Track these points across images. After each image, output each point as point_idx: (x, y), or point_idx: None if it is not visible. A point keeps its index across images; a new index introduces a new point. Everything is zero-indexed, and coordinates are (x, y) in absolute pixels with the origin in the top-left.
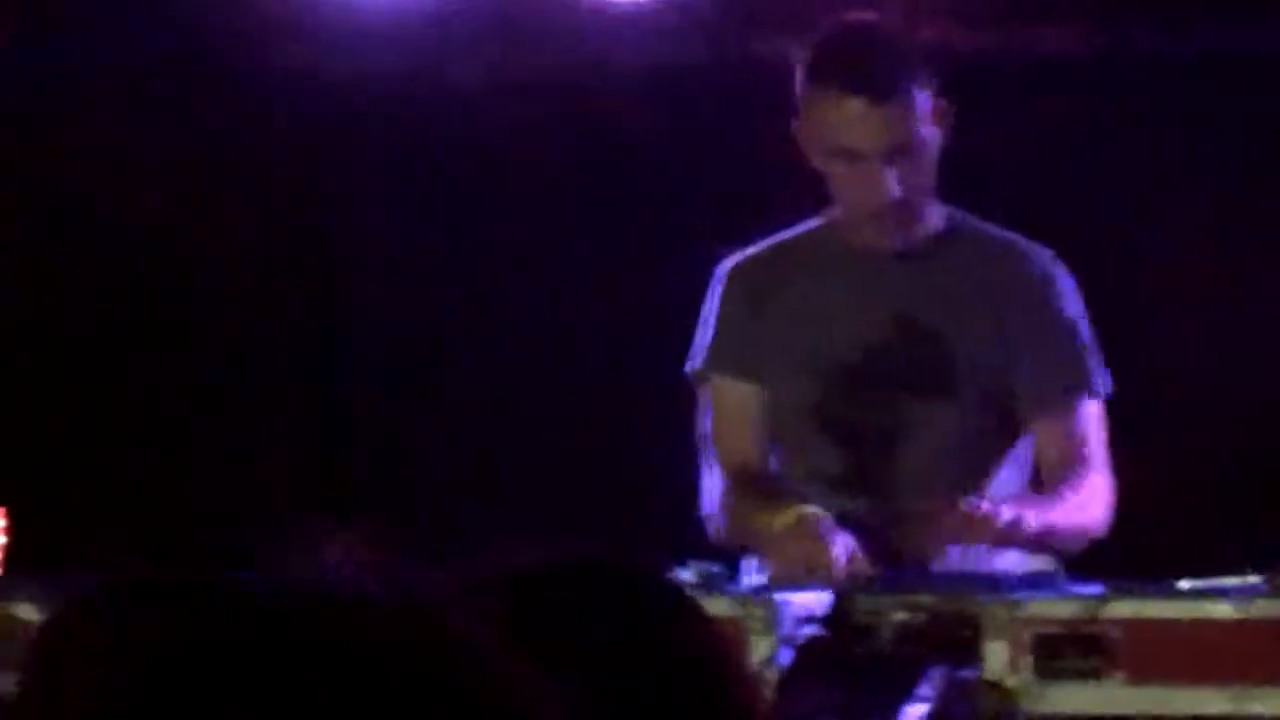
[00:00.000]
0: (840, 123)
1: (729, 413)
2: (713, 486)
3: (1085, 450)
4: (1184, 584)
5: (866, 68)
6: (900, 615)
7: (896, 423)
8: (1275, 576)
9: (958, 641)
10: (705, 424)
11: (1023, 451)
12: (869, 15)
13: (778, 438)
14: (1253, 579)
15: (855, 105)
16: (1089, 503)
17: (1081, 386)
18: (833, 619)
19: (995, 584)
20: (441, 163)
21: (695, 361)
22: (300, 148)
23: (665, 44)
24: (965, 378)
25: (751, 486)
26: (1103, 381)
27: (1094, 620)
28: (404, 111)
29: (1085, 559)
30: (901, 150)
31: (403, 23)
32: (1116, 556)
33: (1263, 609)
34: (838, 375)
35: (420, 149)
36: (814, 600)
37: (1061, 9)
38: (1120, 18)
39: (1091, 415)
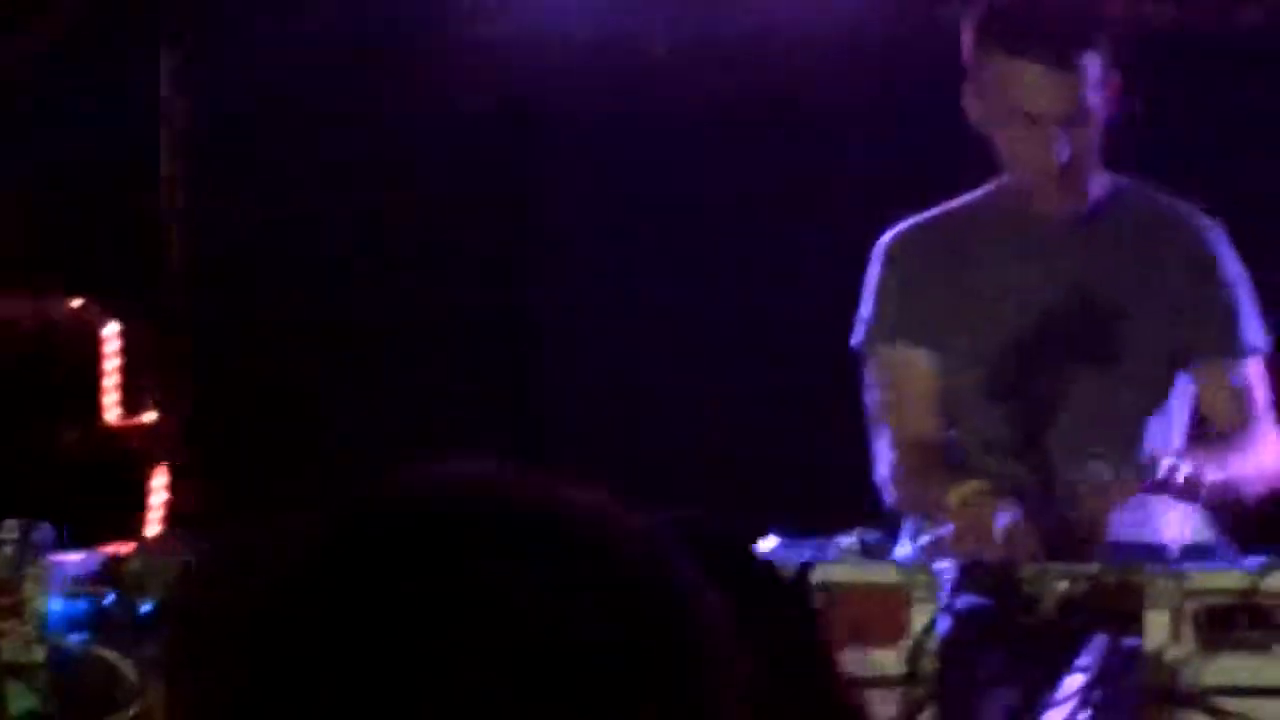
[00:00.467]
0: (1017, 86)
1: (902, 382)
2: (886, 455)
3: (1252, 404)
4: None
5: (1045, 33)
6: (1063, 585)
7: (1061, 391)
8: None
9: (1121, 612)
10: (876, 394)
11: (1178, 413)
12: None
13: (946, 402)
14: None
15: (1033, 70)
16: (1264, 454)
17: (1242, 342)
18: (995, 588)
19: (1159, 554)
20: (639, 132)
21: (863, 332)
22: (498, 119)
23: (857, 11)
24: (1131, 346)
25: (926, 457)
26: (1264, 339)
27: (1258, 591)
28: (598, 82)
29: (1252, 529)
30: (1074, 117)
31: None
32: None
33: None
34: (1009, 343)
35: (617, 119)
36: (977, 570)
37: None
38: None
39: (1254, 371)
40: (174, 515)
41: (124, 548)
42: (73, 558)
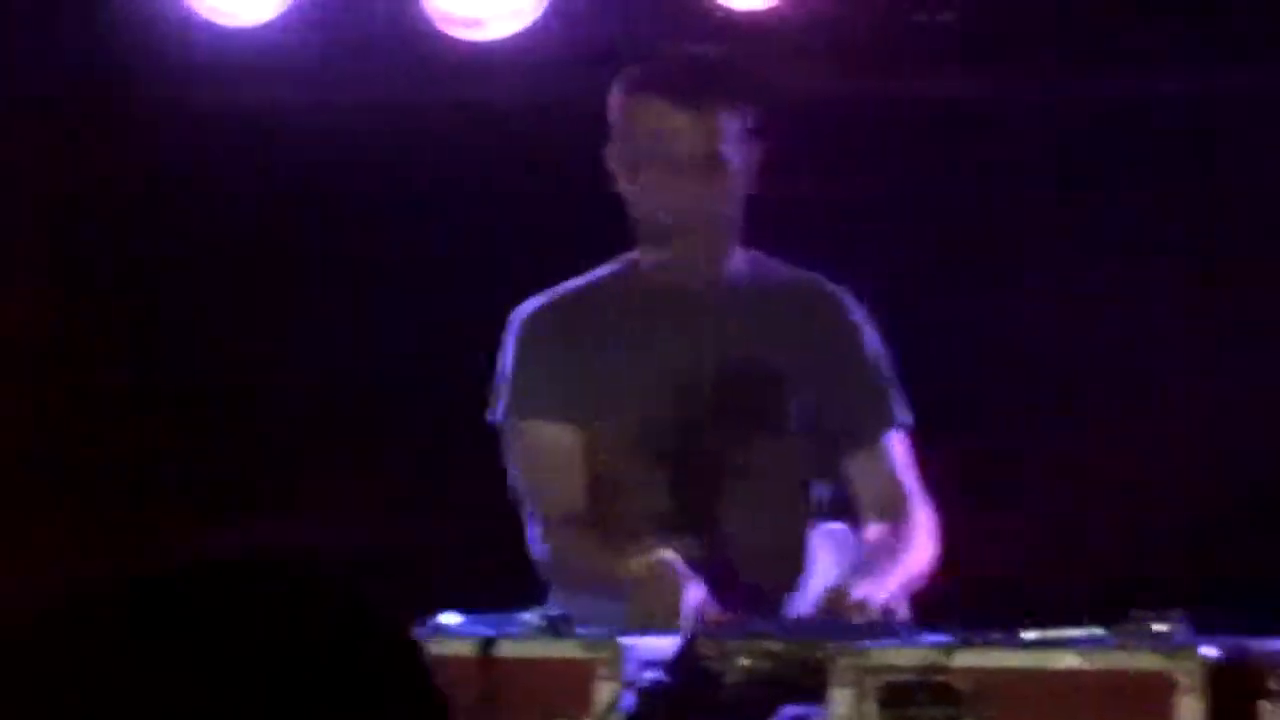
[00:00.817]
0: (661, 129)
1: (548, 457)
2: (537, 533)
3: (902, 484)
4: (1029, 634)
5: (688, 78)
6: (746, 661)
7: (722, 461)
8: (1121, 628)
9: (805, 688)
10: (520, 471)
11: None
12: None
13: (603, 477)
14: (1097, 630)
15: (674, 112)
16: (922, 542)
17: (888, 421)
18: (679, 664)
19: (843, 631)
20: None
21: (502, 407)
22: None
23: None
24: (788, 415)
25: (581, 533)
26: (908, 414)
27: (941, 669)
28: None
29: (933, 606)
30: (715, 163)
31: (249, 58)
32: (963, 606)
33: (1108, 660)
34: (662, 414)
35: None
36: (661, 645)
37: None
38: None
39: (900, 448)
40: None
41: None
42: None
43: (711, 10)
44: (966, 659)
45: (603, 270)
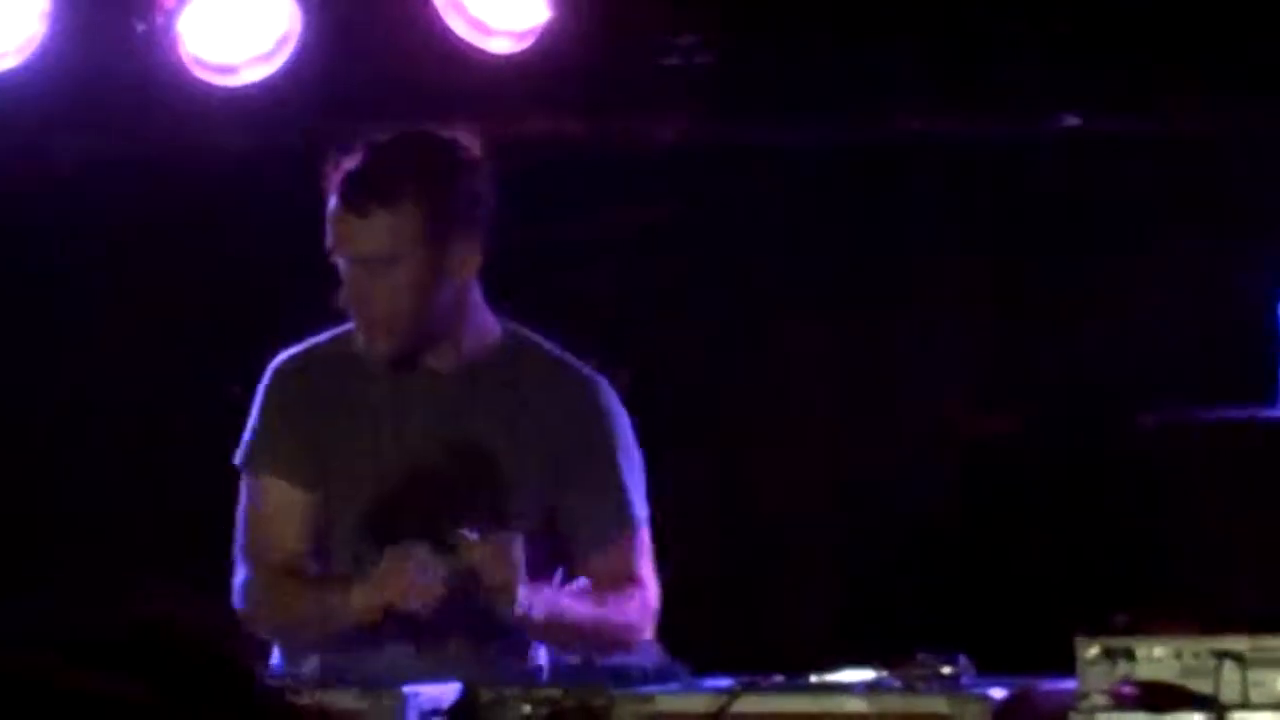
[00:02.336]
0: (337, 229)
1: (275, 511)
2: (245, 579)
3: (632, 579)
4: (814, 678)
5: (362, 180)
6: (526, 708)
7: (437, 535)
8: (905, 671)
9: None
10: (246, 521)
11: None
12: (433, 131)
13: (328, 542)
14: (881, 673)
15: (348, 214)
16: (631, 607)
17: (626, 524)
18: (458, 712)
19: (624, 677)
20: (42, 243)
21: (244, 452)
22: None
23: (269, 127)
24: (505, 496)
25: (302, 580)
26: (645, 510)
27: (724, 714)
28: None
29: (714, 653)
30: (378, 262)
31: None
32: (746, 652)
33: (894, 704)
34: (382, 485)
35: (18, 229)
36: (441, 692)
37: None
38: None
39: (636, 546)
40: None
41: None
42: None
43: (460, 55)
44: (751, 704)
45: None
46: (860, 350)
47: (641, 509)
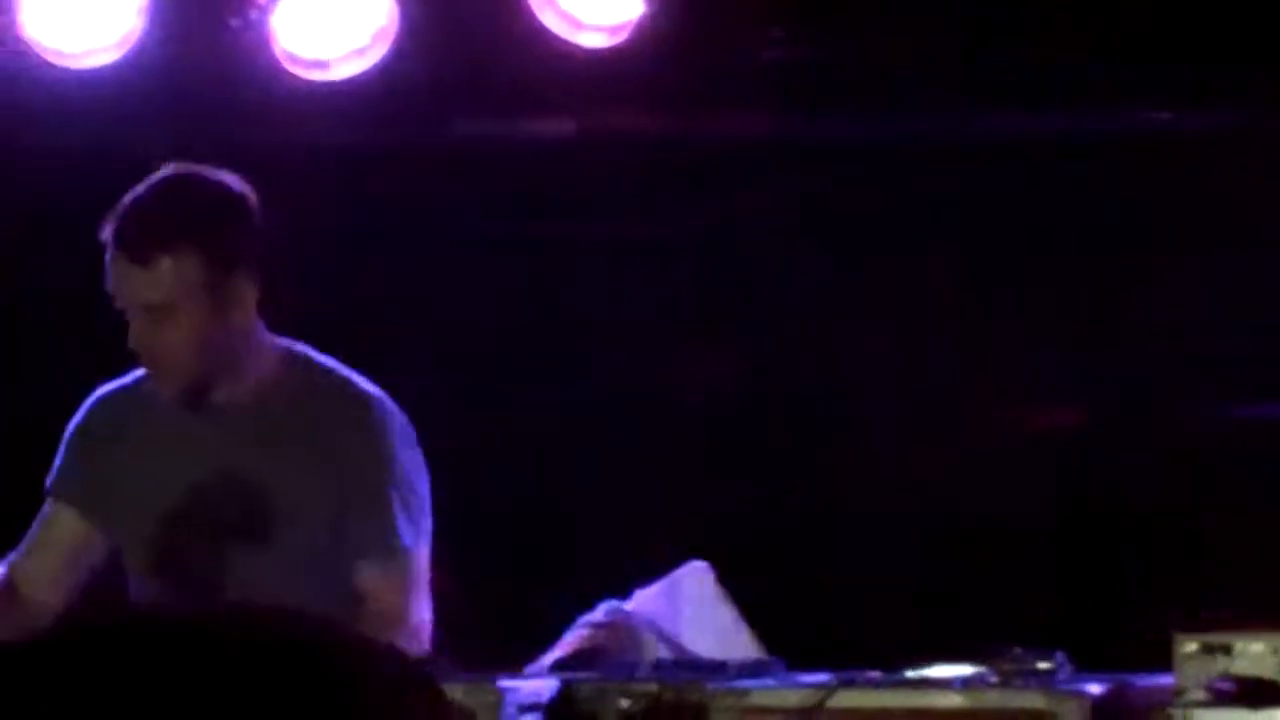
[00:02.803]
0: (110, 270)
1: (43, 535)
2: None
3: (394, 607)
4: (910, 673)
5: (130, 226)
6: (624, 703)
7: (218, 566)
8: (1001, 666)
9: None
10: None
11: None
12: (196, 169)
13: (128, 570)
14: (978, 668)
15: (118, 261)
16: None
17: (394, 545)
18: (556, 706)
19: (720, 671)
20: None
21: (50, 477)
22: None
23: (362, 122)
24: (284, 525)
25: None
26: (422, 533)
27: (820, 708)
28: (95, 185)
29: (809, 648)
30: (159, 309)
31: (94, 98)
32: (840, 647)
33: (990, 698)
34: (165, 518)
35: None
36: (539, 687)
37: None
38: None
39: (402, 568)
40: None
41: None
42: None
43: (553, 50)
44: (847, 699)
45: None
46: (950, 347)
47: (407, 537)
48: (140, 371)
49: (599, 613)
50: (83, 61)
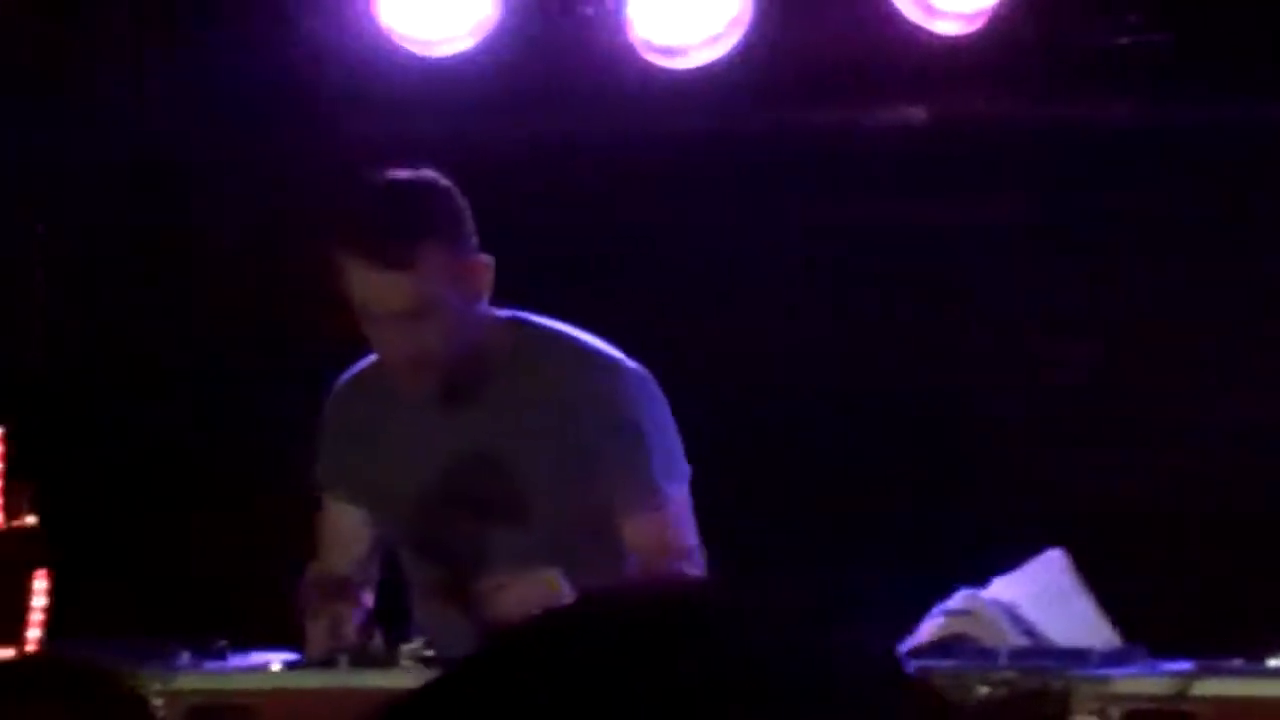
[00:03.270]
0: (355, 285)
1: (329, 532)
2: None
3: (668, 546)
4: (1274, 662)
5: (374, 235)
6: (983, 690)
7: (477, 546)
8: None
9: (1044, 716)
10: (318, 531)
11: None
12: (405, 173)
13: (399, 550)
14: None
15: (364, 269)
16: None
17: (654, 490)
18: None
19: (1082, 659)
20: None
21: (316, 471)
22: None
23: (717, 110)
24: (536, 502)
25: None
26: (678, 475)
27: (1183, 697)
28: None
29: (1172, 635)
30: (413, 312)
31: (448, 86)
32: (1202, 633)
33: None
34: (421, 503)
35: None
36: None
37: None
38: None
39: (669, 513)
40: (53, 621)
41: (5, 653)
42: None
43: (907, 37)
44: (1209, 687)
45: None
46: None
47: (669, 481)
48: (370, 359)
49: (956, 600)
50: (437, 50)
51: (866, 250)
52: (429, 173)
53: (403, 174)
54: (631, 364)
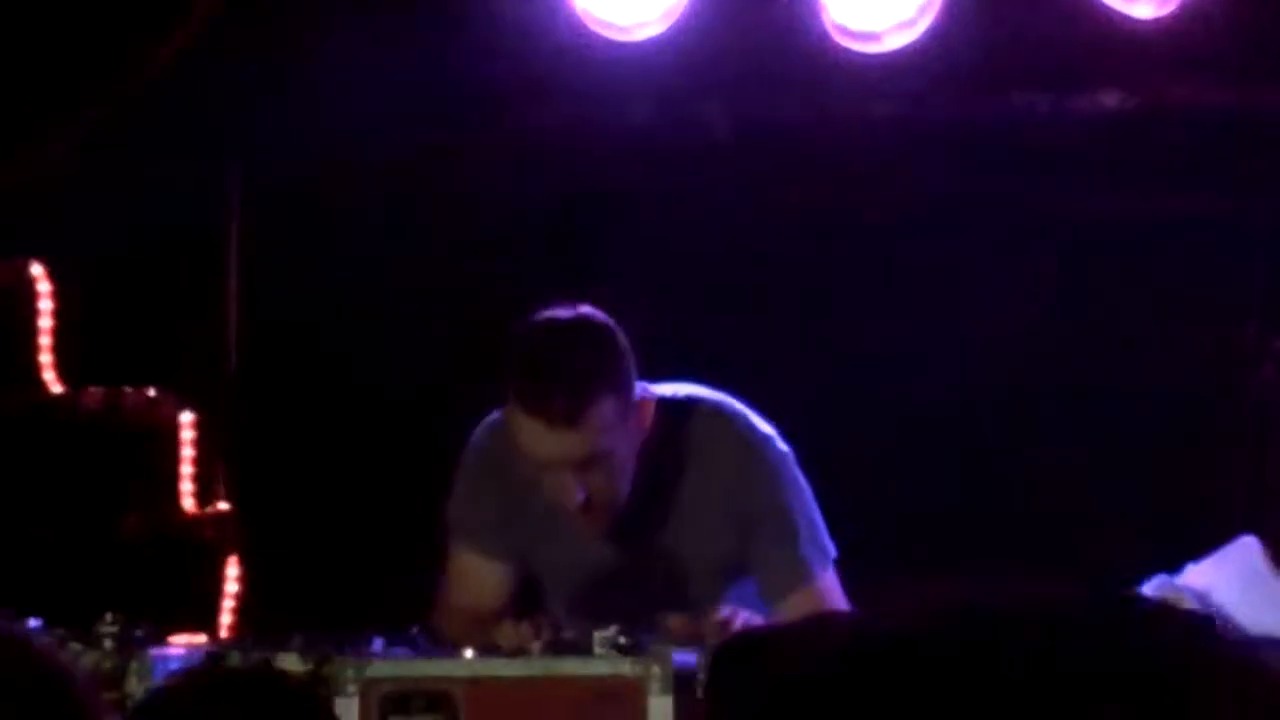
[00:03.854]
0: (524, 438)
1: (468, 582)
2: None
3: None
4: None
5: (544, 393)
6: None
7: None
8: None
9: None
10: (448, 580)
11: None
12: (567, 316)
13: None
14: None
15: (537, 426)
16: None
17: (809, 572)
18: None
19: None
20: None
21: (448, 513)
22: (556, 199)
23: (914, 94)
24: (697, 584)
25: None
26: (827, 553)
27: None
28: (656, 161)
29: None
30: (587, 462)
31: (655, 72)
32: None
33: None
34: (585, 579)
35: (670, 199)
36: None
37: None
38: None
39: (823, 589)
40: (245, 607)
41: (198, 639)
42: (174, 650)
43: (1107, 21)
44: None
45: None
46: None
47: (822, 557)
48: None
49: (1150, 587)
50: (633, 34)
51: (1062, 239)
52: (588, 310)
53: (564, 314)
54: (776, 442)
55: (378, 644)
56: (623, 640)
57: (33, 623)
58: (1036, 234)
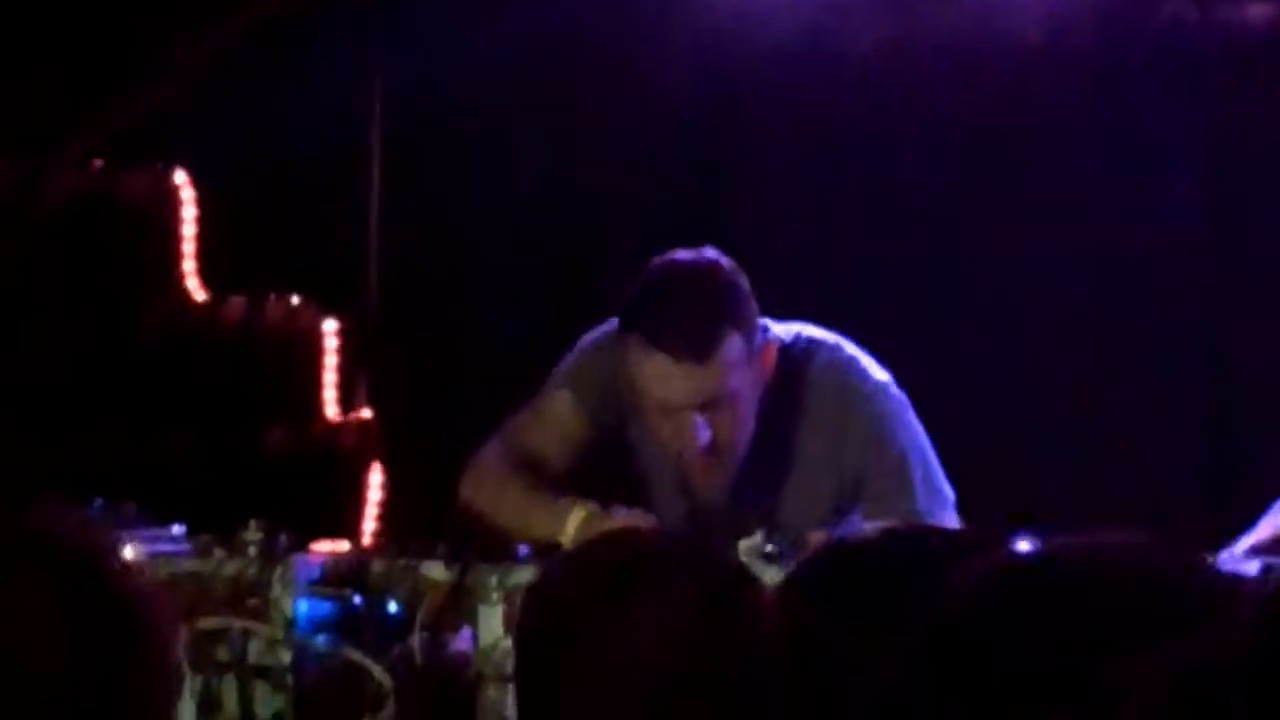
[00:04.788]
0: (649, 376)
1: (556, 429)
2: (486, 457)
3: None
4: None
5: (673, 326)
6: None
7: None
8: None
9: None
10: (527, 418)
11: None
12: (692, 257)
13: (638, 485)
14: None
15: (662, 361)
16: None
17: (919, 518)
18: None
19: None
20: (837, 134)
21: (562, 374)
22: (702, 116)
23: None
24: (795, 509)
25: (527, 487)
26: (945, 499)
27: None
28: (798, 85)
29: None
30: (712, 403)
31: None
32: None
33: None
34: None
35: (816, 121)
36: (1241, 570)
37: None
38: None
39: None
40: (389, 514)
41: (342, 546)
42: (317, 558)
43: None
44: None
45: None
46: None
47: (933, 502)
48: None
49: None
50: None
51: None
52: (712, 253)
53: (685, 256)
54: (894, 391)
55: (522, 550)
56: (770, 549)
57: (176, 528)
58: (1181, 154)
